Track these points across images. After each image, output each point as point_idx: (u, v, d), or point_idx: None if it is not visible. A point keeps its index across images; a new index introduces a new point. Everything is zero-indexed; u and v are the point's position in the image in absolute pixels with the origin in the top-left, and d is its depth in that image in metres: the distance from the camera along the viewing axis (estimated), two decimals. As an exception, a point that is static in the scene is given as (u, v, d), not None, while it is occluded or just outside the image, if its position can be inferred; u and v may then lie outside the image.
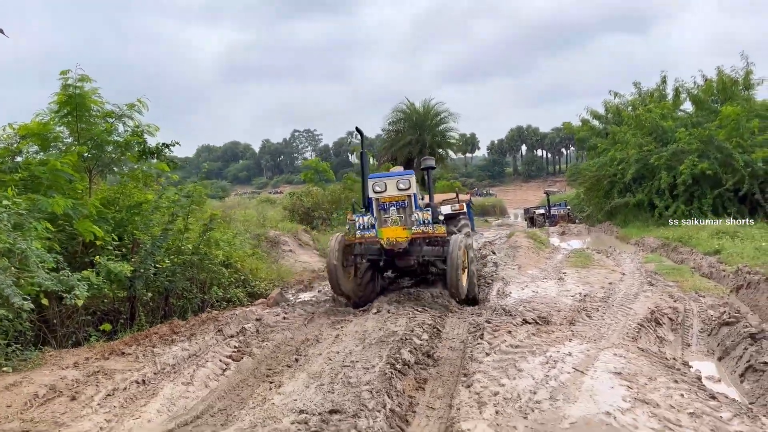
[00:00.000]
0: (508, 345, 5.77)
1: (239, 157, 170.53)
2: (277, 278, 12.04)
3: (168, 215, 8.71)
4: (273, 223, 17.72)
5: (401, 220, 8.34)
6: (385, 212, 8.41)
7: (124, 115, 9.40)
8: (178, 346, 6.03)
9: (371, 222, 8.40)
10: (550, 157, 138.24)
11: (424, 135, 33.51)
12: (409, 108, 35.10)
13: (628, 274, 11.96)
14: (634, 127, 25.53)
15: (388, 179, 8.52)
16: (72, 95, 8.76)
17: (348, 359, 5.57)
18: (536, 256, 14.77)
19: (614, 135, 27.14)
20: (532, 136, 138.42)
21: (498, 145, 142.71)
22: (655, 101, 26.87)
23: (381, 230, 8.30)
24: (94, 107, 9.14)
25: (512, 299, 8.77)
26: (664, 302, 8.72)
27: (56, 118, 9.06)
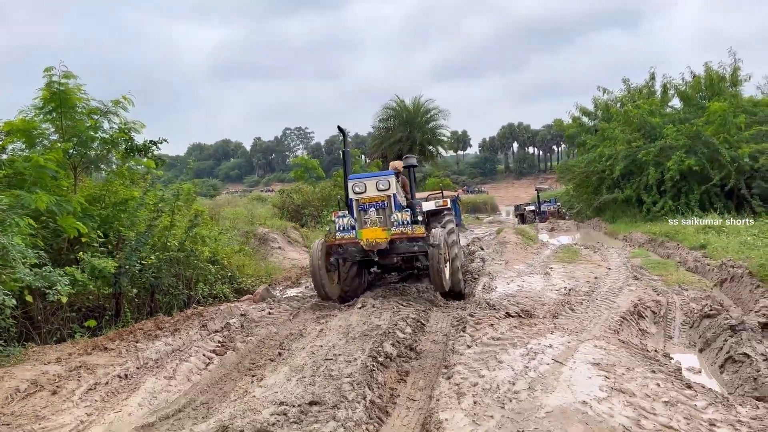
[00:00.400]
0: (490, 337, 5.82)
1: (230, 155, 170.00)
2: (265, 275, 12.06)
3: (153, 212, 8.69)
4: (262, 220, 17.71)
5: (380, 221, 8.35)
6: (365, 213, 8.43)
7: (109, 112, 9.38)
8: (162, 341, 6.05)
9: (351, 223, 8.42)
10: (541, 155, 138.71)
11: (414, 132, 33.55)
12: (399, 105, 35.14)
13: (614, 269, 12.06)
14: (622, 124, 25.67)
15: (367, 180, 8.52)
16: (56, 92, 8.73)
17: (331, 353, 5.60)
18: (524, 252, 14.85)
19: (603, 131, 27.28)
20: (524, 133, 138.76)
21: (490, 143, 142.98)
22: (644, 97, 27.04)
23: (360, 231, 8.29)
24: (78, 104, 9.12)
25: (497, 293, 8.83)
26: (647, 296, 8.81)
27: (40, 115, 9.03)
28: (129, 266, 7.69)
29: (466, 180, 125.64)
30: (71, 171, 9.34)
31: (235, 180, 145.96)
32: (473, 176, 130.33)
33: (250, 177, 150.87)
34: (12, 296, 6.41)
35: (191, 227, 8.84)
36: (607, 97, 28.81)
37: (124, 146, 12.45)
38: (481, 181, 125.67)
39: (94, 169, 9.48)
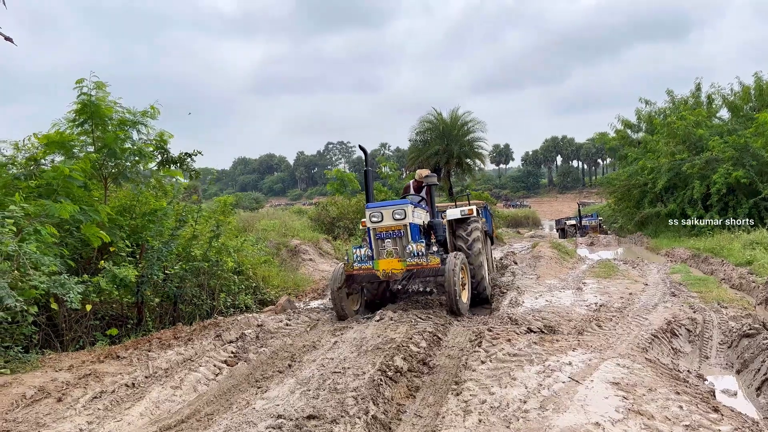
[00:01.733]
0: (506, 353, 5.60)
1: (274, 169, 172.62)
2: (293, 286, 12.05)
3: (177, 222, 8.76)
4: (295, 232, 17.78)
5: (396, 252, 8.39)
6: (382, 242, 8.49)
7: (138, 122, 9.53)
8: (174, 350, 6.03)
9: (368, 254, 8.49)
10: (586, 168, 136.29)
11: (452, 145, 33.28)
12: (437, 118, 34.96)
13: (651, 285, 11.60)
14: (666, 136, 24.92)
15: (384, 209, 8.54)
16: (87, 103, 8.93)
17: (340, 366, 5.47)
18: (558, 267, 14.45)
19: (646, 144, 26.54)
20: (568, 146, 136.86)
21: (533, 156, 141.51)
22: (689, 109, 26.20)
23: (377, 262, 8.35)
24: (109, 115, 9.31)
25: (523, 308, 8.55)
26: (682, 313, 8.40)
27: (73, 127, 9.25)
28: (151, 275, 7.74)
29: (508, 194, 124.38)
30: (101, 181, 9.54)
31: (279, 193, 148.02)
32: (516, 190, 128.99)
33: (293, 191, 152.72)
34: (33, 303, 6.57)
35: (213, 237, 8.87)
36: (650, 108, 28.05)
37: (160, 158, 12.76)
38: (524, 195, 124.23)
39: (123, 180, 9.61)
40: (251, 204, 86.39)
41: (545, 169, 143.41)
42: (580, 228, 35.48)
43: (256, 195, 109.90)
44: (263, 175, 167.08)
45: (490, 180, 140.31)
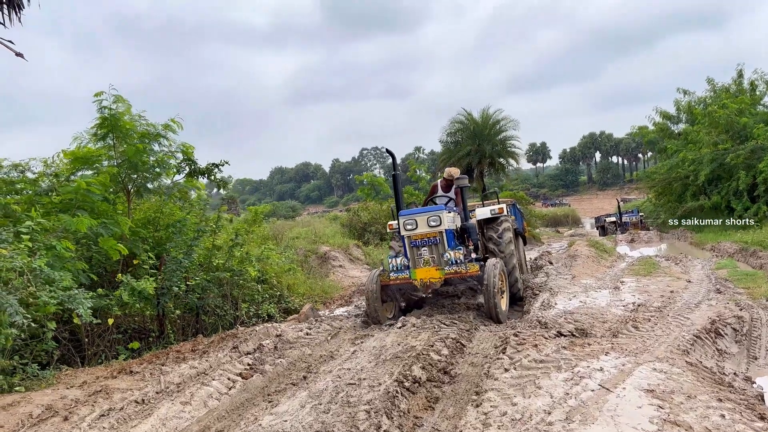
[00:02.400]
0: (532, 360, 5.26)
1: (310, 177, 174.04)
2: (320, 293, 11.88)
3: (195, 232, 8.67)
4: (324, 239, 17.65)
5: (433, 260, 8.18)
6: (418, 250, 8.30)
7: (159, 135, 9.51)
8: (189, 363, 5.88)
9: (404, 263, 8.29)
10: (626, 164, 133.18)
11: (484, 144, 32.71)
12: (467, 118, 34.44)
13: (695, 282, 11.00)
14: (707, 126, 23.94)
15: (418, 216, 8.36)
16: (107, 117, 8.95)
17: (357, 377, 5.23)
18: (595, 265, 13.91)
19: (686, 135, 25.58)
20: (606, 142, 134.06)
21: (570, 154, 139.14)
22: (731, 96, 25.10)
23: (414, 271, 8.15)
24: (129, 129, 9.32)
25: (555, 310, 8.15)
26: (728, 311, 7.87)
27: (95, 141, 9.29)
28: (170, 287, 7.65)
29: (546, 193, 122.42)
30: (124, 194, 9.55)
31: (315, 201, 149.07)
32: (554, 189, 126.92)
33: (329, 198, 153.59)
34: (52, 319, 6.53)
35: (233, 246, 8.76)
36: (689, 98, 27.00)
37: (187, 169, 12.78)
38: (563, 194, 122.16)
39: (145, 192, 9.60)
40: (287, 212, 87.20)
41: (584, 167, 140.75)
42: (620, 225, 34.48)
43: (293, 203, 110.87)
44: (300, 183, 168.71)
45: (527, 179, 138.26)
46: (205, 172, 12.80)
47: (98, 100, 8.77)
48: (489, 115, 34.21)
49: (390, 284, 8.37)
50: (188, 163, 12.70)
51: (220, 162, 12.90)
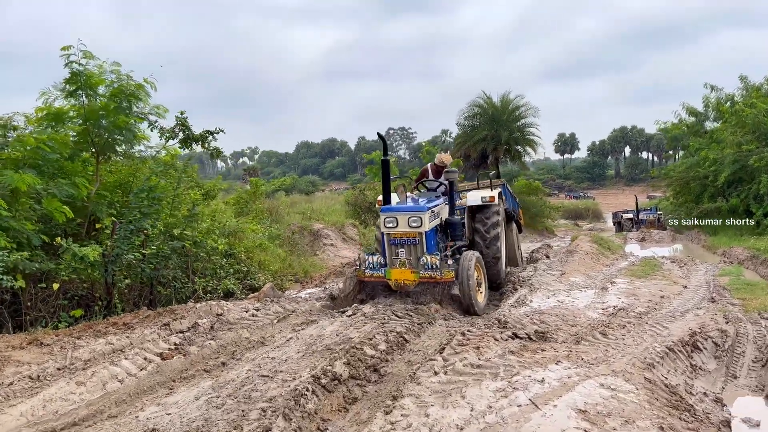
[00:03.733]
0: (468, 364, 4.76)
1: (335, 153, 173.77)
2: (300, 272, 11.49)
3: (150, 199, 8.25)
4: (320, 216, 17.23)
5: (410, 262, 7.98)
6: (396, 249, 8.10)
7: (132, 95, 9.07)
8: (106, 339, 5.49)
9: (380, 261, 8.15)
10: (656, 160, 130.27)
11: (501, 130, 31.81)
12: (486, 102, 33.48)
13: (691, 288, 10.35)
14: (734, 125, 22.80)
15: (399, 214, 8.10)
16: (77, 73, 8.54)
17: (275, 368, 4.80)
18: (592, 263, 13.28)
19: (712, 133, 24.47)
20: (637, 137, 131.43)
21: (599, 146, 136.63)
22: (762, 96, 23.83)
23: (390, 271, 7.99)
24: (101, 86, 8.92)
25: (525, 309, 7.62)
26: (713, 323, 7.25)
27: (66, 96, 8.90)
28: (118, 254, 7.28)
29: (572, 185, 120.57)
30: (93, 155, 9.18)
31: (339, 178, 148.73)
32: (580, 181, 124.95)
33: (353, 175, 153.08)
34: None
35: (189, 217, 8.35)
36: (716, 95, 25.73)
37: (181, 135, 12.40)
38: (588, 187, 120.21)
39: (111, 153, 9.20)
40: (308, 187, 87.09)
41: (612, 160, 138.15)
42: (636, 222, 33.50)
43: (313, 179, 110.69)
44: (325, 159, 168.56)
45: (553, 170, 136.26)
46: (199, 139, 12.44)
47: (66, 54, 8.34)
48: (509, 100, 33.24)
49: (365, 280, 8.31)
50: (182, 128, 12.34)
51: (215, 129, 12.53)
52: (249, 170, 78.73)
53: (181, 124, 12.10)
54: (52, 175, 8.08)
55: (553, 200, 65.93)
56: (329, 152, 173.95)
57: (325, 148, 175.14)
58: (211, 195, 15.81)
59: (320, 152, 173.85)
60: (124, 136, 9.21)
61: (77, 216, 8.65)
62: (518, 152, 33.60)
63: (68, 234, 8.51)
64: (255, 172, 73.24)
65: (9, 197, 6.89)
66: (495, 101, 33.35)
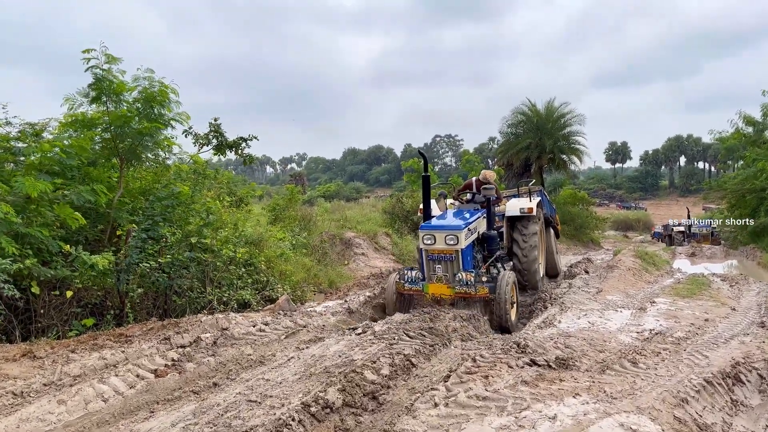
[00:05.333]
0: (473, 395, 4.36)
1: (382, 160, 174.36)
2: (325, 283, 11.23)
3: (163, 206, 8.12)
4: (353, 224, 16.97)
5: (446, 278, 8.34)
6: (434, 264, 8.48)
7: (156, 101, 9.01)
8: (101, 353, 5.31)
9: (418, 276, 8.55)
10: (713, 170, 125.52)
11: (545, 139, 30.91)
12: (531, 109, 32.62)
13: (740, 311, 9.58)
14: (795, 135, 21.52)
15: (437, 232, 8.48)
16: (100, 78, 8.51)
17: (267, 392, 4.51)
18: (633, 280, 12.54)
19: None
20: (693, 146, 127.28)
21: (653, 156, 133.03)
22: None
23: (427, 285, 8.37)
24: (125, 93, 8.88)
25: (551, 331, 7.12)
26: (759, 352, 6.61)
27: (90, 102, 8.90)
28: (130, 263, 7.15)
29: (623, 195, 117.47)
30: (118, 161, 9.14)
31: (385, 185, 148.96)
32: (632, 191, 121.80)
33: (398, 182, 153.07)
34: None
35: (204, 225, 8.17)
36: (775, 102, 24.29)
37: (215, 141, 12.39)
38: (640, 197, 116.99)
39: (136, 160, 9.14)
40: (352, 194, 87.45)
41: (666, 170, 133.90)
42: (689, 236, 32.03)
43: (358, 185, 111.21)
44: (371, 166, 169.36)
45: (604, 179, 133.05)
46: (233, 146, 12.41)
47: (87, 58, 8.30)
48: (554, 108, 32.32)
49: (404, 293, 8.63)
50: (216, 135, 12.33)
51: (249, 136, 12.48)
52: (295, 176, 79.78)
53: (215, 131, 12.08)
54: (81, 180, 8.08)
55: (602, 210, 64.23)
56: (375, 159, 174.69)
57: (372, 155, 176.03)
58: (244, 202, 15.80)
59: (366, 159, 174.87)
60: (147, 142, 9.17)
61: (99, 223, 8.64)
62: (563, 161, 32.62)
63: (89, 241, 8.49)
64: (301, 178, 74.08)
65: (24, 203, 6.86)
66: (539, 109, 32.51)
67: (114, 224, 8.58)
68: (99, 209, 8.42)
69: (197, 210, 8.51)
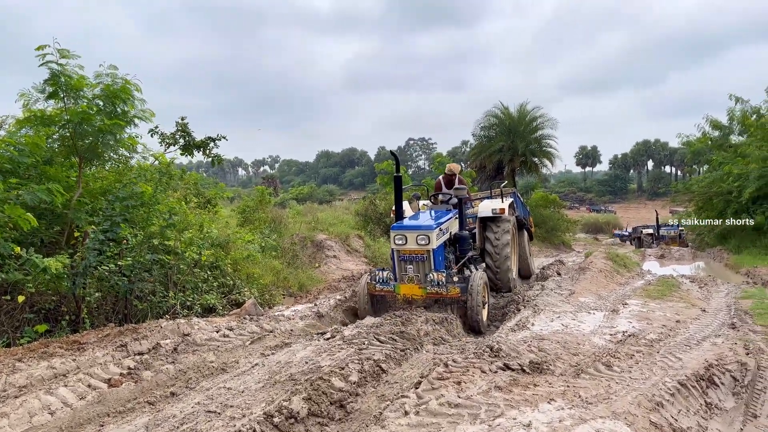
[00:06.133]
0: (444, 402, 4.16)
1: (355, 163, 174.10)
2: (295, 286, 10.97)
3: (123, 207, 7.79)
4: (324, 226, 16.72)
5: (418, 278, 8.30)
6: (405, 265, 8.44)
7: (117, 97, 8.66)
8: (50, 362, 4.99)
9: (390, 277, 8.48)
10: (679, 174, 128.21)
11: (517, 142, 31.03)
12: (503, 112, 32.75)
13: (710, 312, 9.60)
14: (759, 139, 21.89)
15: (408, 232, 8.41)
16: (56, 74, 8.14)
17: (228, 401, 4.25)
18: (605, 281, 12.55)
19: (737, 147, 23.52)
20: (660, 150, 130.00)
21: (622, 160, 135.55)
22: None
23: (398, 286, 8.31)
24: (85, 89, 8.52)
25: (524, 334, 6.98)
26: (732, 354, 6.56)
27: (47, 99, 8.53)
28: (86, 266, 6.81)
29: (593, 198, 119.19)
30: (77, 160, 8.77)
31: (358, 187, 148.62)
32: (601, 194, 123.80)
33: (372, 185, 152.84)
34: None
35: (167, 226, 7.85)
36: (741, 107, 24.76)
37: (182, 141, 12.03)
38: (609, 200, 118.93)
39: (93, 158, 8.78)
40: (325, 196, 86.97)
41: (635, 174, 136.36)
42: (657, 238, 32.50)
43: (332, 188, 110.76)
44: (344, 168, 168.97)
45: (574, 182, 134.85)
46: (200, 146, 12.07)
47: (41, 54, 7.93)
48: (526, 111, 32.50)
49: (375, 294, 8.54)
50: (183, 135, 11.96)
51: (217, 136, 12.17)
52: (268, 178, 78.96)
53: (182, 130, 11.74)
54: (37, 180, 7.72)
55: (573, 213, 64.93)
56: (349, 162, 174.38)
57: (345, 158, 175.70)
58: (212, 203, 15.43)
59: (340, 162, 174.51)
60: (109, 140, 8.81)
61: (56, 224, 8.26)
62: (535, 164, 32.80)
63: (45, 243, 8.11)
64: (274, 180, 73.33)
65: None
66: (512, 112, 32.65)
67: (72, 226, 8.23)
68: (55, 210, 8.06)
69: (160, 211, 8.16)
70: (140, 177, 8.90)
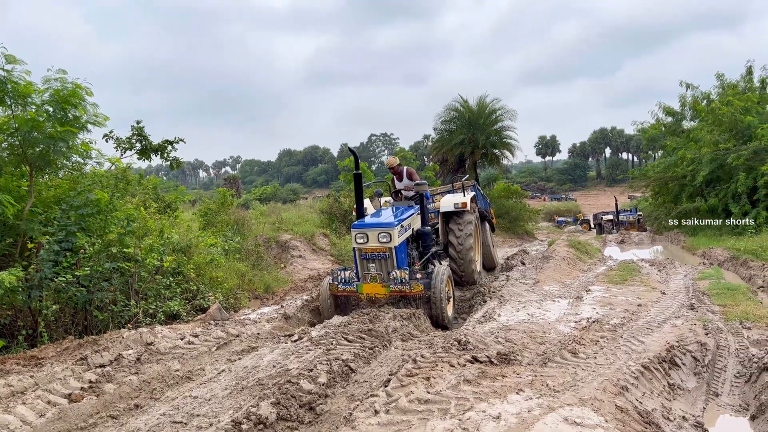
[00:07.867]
0: (415, 399, 4.16)
1: (318, 161, 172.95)
2: (261, 288, 10.84)
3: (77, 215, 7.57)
4: (289, 226, 16.57)
5: (380, 276, 8.20)
6: (367, 263, 8.33)
7: (68, 103, 8.38)
8: (6, 379, 4.79)
9: (352, 276, 8.42)
10: (636, 161, 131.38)
11: (477, 134, 31.31)
12: (463, 105, 32.98)
13: (670, 294, 9.87)
14: (710, 123, 22.58)
15: (370, 230, 8.30)
16: (3, 80, 7.83)
17: (195, 411, 4.17)
18: (568, 269, 12.77)
19: (689, 132, 24.20)
20: (617, 138, 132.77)
21: (580, 148, 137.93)
22: (738, 94, 23.61)
23: (361, 285, 8.24)
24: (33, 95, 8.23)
25: (491, 325, 7.04)
26: (692, 335, 6.75)
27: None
28: (41, 278, 6.59)
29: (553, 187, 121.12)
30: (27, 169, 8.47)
31: (322, 185, 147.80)
32: (562, 183, 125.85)
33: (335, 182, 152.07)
34: None
35: (125, 233, 7.67)
36: (692, 93, 25.49)
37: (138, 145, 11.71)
38: (570, 189, 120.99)
39: (44, 166, 8.49)
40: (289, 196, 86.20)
41: (593, 162, 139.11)
42: (617, 224, 33.26)
43: (295, 187, 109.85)
44: (307, 167, 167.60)
45: (535, 172, 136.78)
46: (158, 150, 11.78)
47: (-19, 58, 7.61)
48: (486, 104, 32.77)
49: (338, 295, 8.46)
50: (139, 139, 11.66)
51: (175, 139, 11.90)
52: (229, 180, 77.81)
53: (138, 134, 11.44)
54: None
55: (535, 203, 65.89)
56: (312, 160, 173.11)
57: (308, 156, 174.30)
58: (172, 207, 15.12)
59: (303, 160, 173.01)
60: (61, 147, 8.53)
61: (8, 236, 7.97)
62: (496, 156, 33.16)
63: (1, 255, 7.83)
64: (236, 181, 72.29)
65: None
66: (472, 105, 32.89)
67: (25, 237, 7.95)
68: (7, 221, 7.78)
69: (118, 217, 7.95)
70: (95, 184, 8.64)
